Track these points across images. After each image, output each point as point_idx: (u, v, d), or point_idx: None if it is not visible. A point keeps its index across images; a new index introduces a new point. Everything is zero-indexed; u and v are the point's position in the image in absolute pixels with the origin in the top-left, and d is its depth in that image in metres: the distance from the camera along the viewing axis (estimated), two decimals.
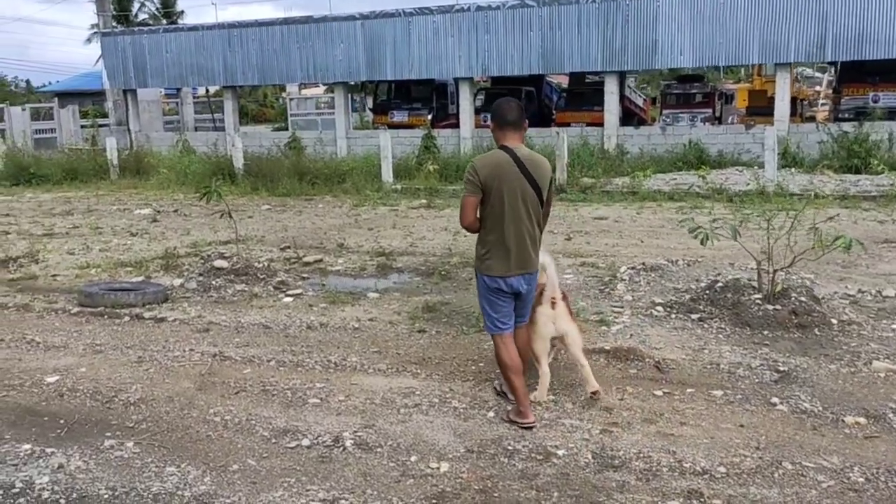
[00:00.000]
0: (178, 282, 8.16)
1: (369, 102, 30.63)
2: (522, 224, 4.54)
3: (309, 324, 6.72)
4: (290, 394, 5.13)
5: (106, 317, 7.10)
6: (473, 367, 5.57)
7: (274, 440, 4.45)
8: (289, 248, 9.88)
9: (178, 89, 31.19)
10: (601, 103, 21.15)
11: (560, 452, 4.23)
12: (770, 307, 6.34)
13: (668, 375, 5.39)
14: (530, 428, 4.51)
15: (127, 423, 4.71)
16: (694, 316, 6.57)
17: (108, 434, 4.57)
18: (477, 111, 22.82)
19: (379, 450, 4.31)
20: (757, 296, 6.55)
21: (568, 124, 21.85)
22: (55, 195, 16.71)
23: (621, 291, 7.44)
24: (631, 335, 6.20)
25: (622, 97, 22.18)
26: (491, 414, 4.75)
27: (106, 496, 3.84)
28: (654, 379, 5.34)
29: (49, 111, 31.36)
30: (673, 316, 6.63)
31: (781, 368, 5.41)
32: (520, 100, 23.43)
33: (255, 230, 11.49)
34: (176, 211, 13.81)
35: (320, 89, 43.54)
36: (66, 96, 36.18)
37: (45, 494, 3.84)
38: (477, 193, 4.48)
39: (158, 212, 13.73)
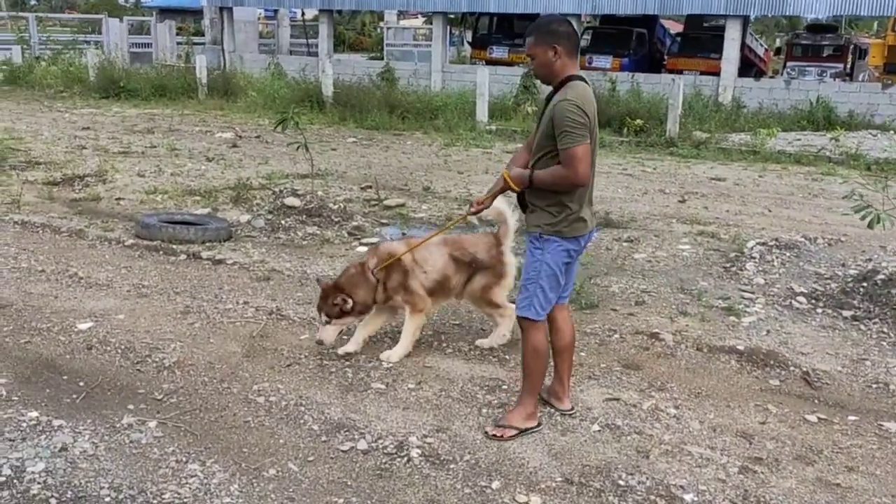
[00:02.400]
0: (245, 218, 7.38)
1: (468, 36, 29.23)
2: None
3: None
4: (351, 373, 4.25)
5: (161, 253, 6.37)
6: (574, 358, 4.54)
7: (324, 437, 3.59)
8: (370, 187, 8.98)
9: (276, 11, 30.48)
10: (718, 50, 19.31)
11: (687, 498, 3.22)
12: None
13: (822, 392, 4.27)
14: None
15: (155, 394, 3.93)
16: (846, 313, 5.37)
17: (131, 406, 3.80)
18: (582, 52, 21.28)
19: (452, 466, 3.39)
20: None
21: (680, 71, 20.09)
22: (141, 111, 16.24)
23: (751, 272, 6.25)
24: (768, 331, 5.07)
25: (742, 45, 20.23)
26: (596, 427, 3.77)
27: (107, 499, 3.05)
28: (803, 396, 4.23)
29: (147, 25, 31.22)
30: (819, 311, 5.45)
31: None
32: (630, 42, 22.31)
33: (337, 164, 10.63)
34: (258, 137, 13.08)
35: (419, 21, 42.33)
36: (168, 12, 35.90)
37: (34, 489, 3.08)
38: (588, 140, 3.41)
39: (240, 136, 13.02)
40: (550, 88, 3.59)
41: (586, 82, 3.50)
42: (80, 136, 12.48)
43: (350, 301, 4.25)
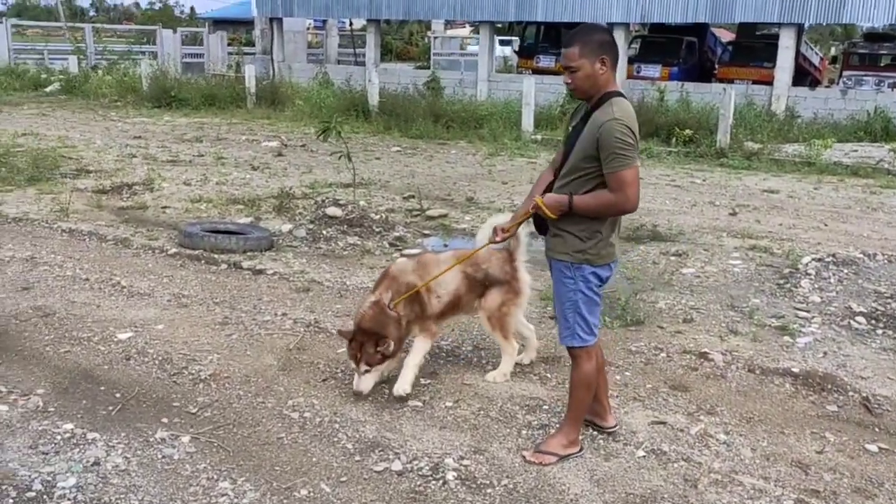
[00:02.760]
0: (286, 227, 7.36)
1: (514, 45, 29.11)
2: None
3: None
4: (388, 390, 4.15)
5: (202, 262, 6.37)
6: (618, 378, 4.41)
7: (358, 457, 3.50)
8: (413, 197, 8.92)
9: (325, 21, 30.79)
10: (771, 59, 18.87)
11: None
12: None
13: (883, 420, 4.04)
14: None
15: (189, 408, 3.89)
16: None
17: (165, 420, 3.76)
18: (630, 61, 21.02)
19: (489, 491, 3.27)
20: None
21: (731, 80, 19.69)
22: (191, 120, 16.48)
23: (806, 290, 5.99)
24: (825, 353, 4.84)
25: (797, 53, 19.73)
26: (641, 453, 3.61)
27: None
28: (863, 424, 4.01)
29: (200, 36, 31.80)
30: (879, 332, 5.19)
31: None
32: (679, 51, 21.91)
33: (380, 174, 10.60)
34: (303, 146, 13.13)
35: (465, 30, 42.39)
36: (221, 23, 36.61)
37: None
38: (637, 162, 3.23)
39: (285, 145, 13.09)
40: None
41: (625, 97, 3.30)
42: (130, 144, 12.67)
43: (391, 344, 3.91)
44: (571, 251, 3.33)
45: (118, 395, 4.01)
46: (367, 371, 3.96)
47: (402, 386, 3.97)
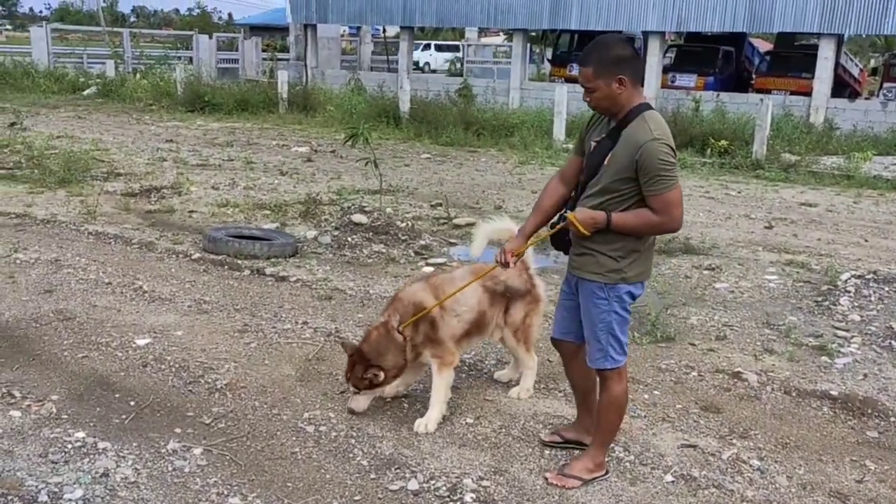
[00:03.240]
0: (311, 234, 7.29)
1: (548, 54, 28.97)
2: None
3: None
4: (407, 405, 4.03)
5: (225, 267, 6.31)
6: (647, 397, 4.25)
7: (373, 475, 3.37)
8: (440, 205, 8.80)
9: (359, 28, 30.91)
10: (810, 69, 18.49)
11: None
12: None
13: None
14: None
15: (203, 419, 3.79)
16: None
17: (178, 430, 3.67)
18: (665, 70, 20.74)
19: None
20: None
21: (769, 91, 19.32)
22: (223, 125, 16.55)
23: (845, 308, 5.77)
24: (865, 375, 4.63)
25: (836, 64, 19.32)
26: (669, 478, 3.44)
27: None
28: None
29: (236, 42, 32.09)
30: None
31: None
32: (716, 60, 21.59)
33: (409, 181, 10.50)
34: (333, 151, 13.09)
35: (499, 38, 42.38)
36: (257, 30, 36.94)
37: None
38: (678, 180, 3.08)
39: (315, 151, 13.06)
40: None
41: (654, 110, 3.11)
42: (162, 148, 12.73)
43: (381, 374, 3.71)
44: (605, 271, 3.16)
45: (132, 402, 3.93)
46: (356, 392, 3.82)
47: (426, 423, 3.75)
